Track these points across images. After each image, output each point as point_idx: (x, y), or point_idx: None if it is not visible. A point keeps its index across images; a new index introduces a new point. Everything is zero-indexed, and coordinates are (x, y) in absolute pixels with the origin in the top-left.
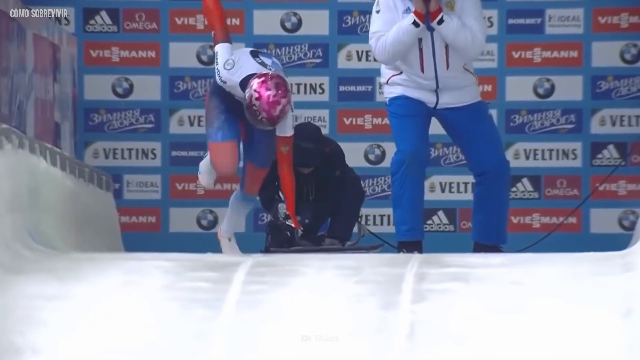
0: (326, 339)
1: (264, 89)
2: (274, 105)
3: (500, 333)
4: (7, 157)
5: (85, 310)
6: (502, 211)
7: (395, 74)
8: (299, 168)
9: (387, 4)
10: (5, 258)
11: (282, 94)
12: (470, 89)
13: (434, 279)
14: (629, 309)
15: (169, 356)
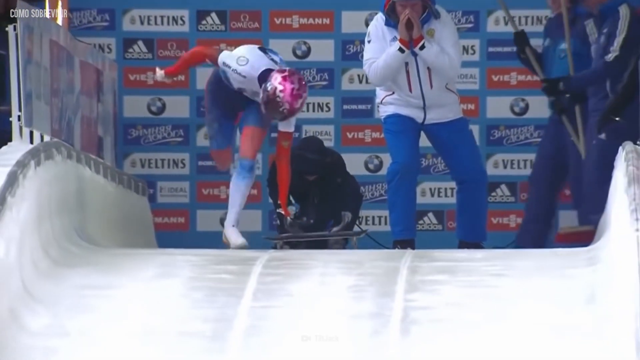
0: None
1: (288, 83)
2: (297, 99)
3: (482, 316)
4: (57, 166)
5: (125, 298)
6: (481, 213)
7: (388, 94)
8: (304, 175)
9: (377, 34)
10: (56, 253)
11: (303, 88)
12: (453, 106)
13: (425, 271)
14: (592, 296)
15: (197, 337)
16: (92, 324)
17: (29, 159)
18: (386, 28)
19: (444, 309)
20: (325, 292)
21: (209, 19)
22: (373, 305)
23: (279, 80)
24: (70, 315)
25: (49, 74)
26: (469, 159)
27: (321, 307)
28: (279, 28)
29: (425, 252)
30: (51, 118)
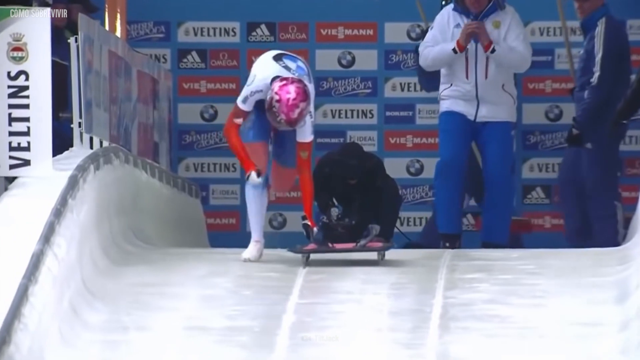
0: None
1: (284, 92)
2: (293, 108)
3: (517, 313)
4: (115, 170)
5: (179, 295)
6: (503, 216)
7: (446, 87)
8: (346, 180)
9: (441, 21)
10: (114, 253)
11: (301, 97)
12: (506, 108)
13: (463, 269)
14: (623, 295)
15: (246, 332)
16: (148, 320)
17: (89, 163)
18: (453, 13)
19: (481, 306)
20: (367, 290)
21: (259, 30)
22: (414, 302)
23: (275, 89)
24: (127, 311)
25: (108, 83)
26: (496, 160)
27: (364, 304)
28: (325, 39)
29: (463, 252)
30: (110, 125)
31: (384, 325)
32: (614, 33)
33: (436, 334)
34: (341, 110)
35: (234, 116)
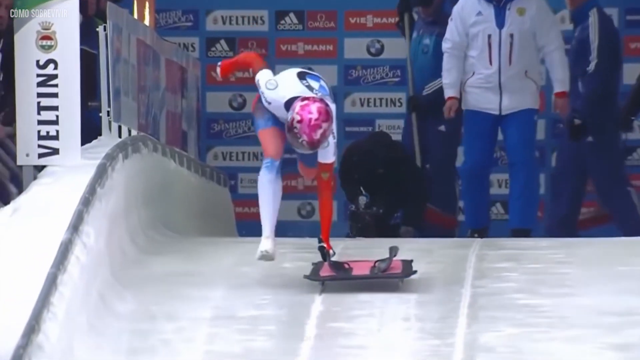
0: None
1: (306, 112)
2: (315, 129)
3: (547, 302)
4: (143, 159)
5: (207, 284)
6: (529, 200)
7: (469, 76)
8: (374, 169)
9: (459, 12)
10: (142, 242)
11: (323, 118)
12: (530, 96)
13: (492, 259)
14: None
15: (274, 321)
16: (176, 309)
17: (117, 152)
18: (473, 1)
19: (510, 295)
20: None
21: (287, 19)
22: (442, 291)
23: (297, 109)
24: (155, 300)
25: (137, 71)
26: (521, 143)
27: (392, 293)
28: (353, 27)
29: (492, 241)
30: (138, 113)
31: (412, 314)
32: (607, 22)
33: (465, 324)
34: (370, 98)
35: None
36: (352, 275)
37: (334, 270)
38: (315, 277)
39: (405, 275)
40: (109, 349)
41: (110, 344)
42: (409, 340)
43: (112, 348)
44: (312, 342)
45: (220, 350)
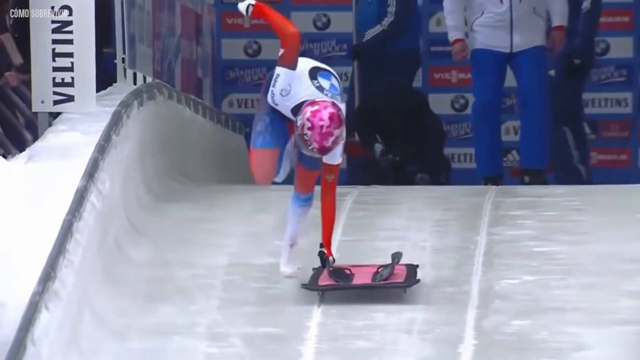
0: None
1: (317, 119)
2: (327, 137)
3: (562, 250)
4: (159, 106)
5: (222, 231)
6: (540, 140)
7: (478, 16)
8: (390, 116)
9: None
10: (158, 189)
11: (335, 124)
12: (539, 32)
13: (508, 206)
14: None
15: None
16: (192, 256)
17: (132, 99)
18: None
19: (526, 243)
20: (411, 226)
21: None
22: (458, 239)
23: (307, 115)
24: (171, 247)
25: (151, 18)
26: (532, 83)
27: (407, 240)
28: None
29: (508, 188)
30: (153, 60)
31: (427, 262)
32: None
33: (480, 271)
34: None
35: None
36: (352, 285)
37: (333, 277)
38: (313, 286)
39: (408, 284)
40: (124, 296)
41: (126, 290)
42: (424, 287)
43: (127, 295)
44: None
45: (236, 297)
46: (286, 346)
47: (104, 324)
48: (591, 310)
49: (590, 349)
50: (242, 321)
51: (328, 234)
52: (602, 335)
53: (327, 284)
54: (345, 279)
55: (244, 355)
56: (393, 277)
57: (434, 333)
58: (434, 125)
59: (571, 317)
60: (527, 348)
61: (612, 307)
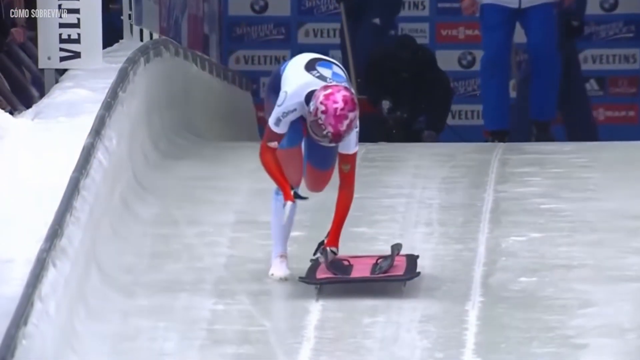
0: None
1: (331, 102)
2: (341, 119)
3: (569, 207)
4: (165, 63)
5: (230, 188)
6: (549, 92)
7: None
8: (398, 73)
9: None
10: (164, 146)
11: (349, 107)
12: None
13: (515, 163)
14: None
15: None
16: (198, 213)
17: (139, 56)
18: None
19: (533, 200)
20: (418, 184)
21: None
22: (465, 196)
23: (320, 98)
24: (178, 204)
25: None
26: (539, 38)
27: (414, 198)
28: None
29: (515, 145)
30: (160, 16)
31: (434, 219)
32: None
33: (487, 228)
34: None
35: (268, 139)
36: (350, 278)
37: (331, 269)
38: (311, 279)
39: (408, 277)
40: (131, 253)
41: (133, 248)
42: (431, 245)
43: (134, 252)
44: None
45: (243, 255)
46: (294, 303)
47: (111, 281)
48: (598, 267)
49: (596, 305)
50: (248, 278)
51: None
52: (608, 292)
53: (325, 277)
54: (343, 271)
55: (251, 312)
56: (393, 269)
57: (440, 290)
58: (442, 81)
59: (578, 274)
60: (533, 305)
61: (619, 264)
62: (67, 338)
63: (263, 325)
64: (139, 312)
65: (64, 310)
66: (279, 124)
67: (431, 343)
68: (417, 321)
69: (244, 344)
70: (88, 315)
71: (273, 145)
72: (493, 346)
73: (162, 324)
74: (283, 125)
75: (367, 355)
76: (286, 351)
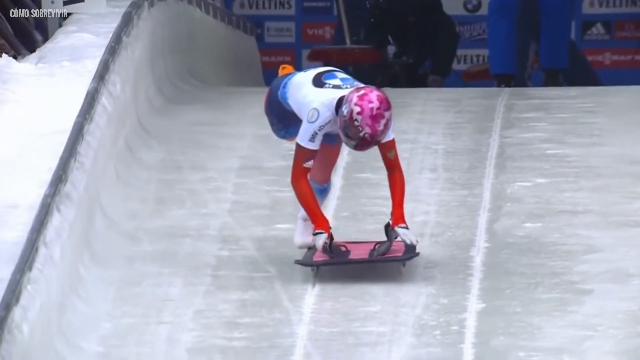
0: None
1: (366, 102)
2: (378, 119)
3: (575, 152)
4: (169, 7)
5: (234, 134)
6: (559, 40)
7: None
8: (403, 17)
9: None
10: (169, 91)
11: (385, 106)
12: None
13: (521, 108)
14: None
15: None
16: (202, 159)
17: (143, 0)
18: None
19: (538, 145)
20: (423, 129)
21: None
22: (470, 141)
23: (355, 100)
24: (182, 150)
25: None
26: None
27: (419, 143)
28: None
29: (521, 90)
30: None
31: (439, 165)
32: None
33: (492, 174)
34: None
35: (302, 159)
36: (347, 260)
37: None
38: (307, 261)
39: (407, 257)
40: (135, 198)
41: (137, 193)
42: (436, 190)
43: (138, 197)
44: (338, 193)
45: (247, 200)
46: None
47: (115, 227)
48: (603, 212)
49: (601, 251)
50: (253, 224)
51: (399, 205)
52: (613, 237)
53: (322, 260)
54: (341, 256)
55: (255, 258)
56: (391, 252)
57: (445, 236)
58: (447, 26)
59: (583, 219)
60: (538, 250)
61: (624, 210)
62: (71, 283)
63: (268, 271)
64: (144, 258)
65: (68, 255)
66: (315, 138)
67: (436, 289)
68: (422, 267)
69: (248, 290)
70: (93, 260)
71: (309, 165)
72: (498, 292)
73: (166, 270)
74: (318, 141)
75: (372, 301)
76: (291, 297)
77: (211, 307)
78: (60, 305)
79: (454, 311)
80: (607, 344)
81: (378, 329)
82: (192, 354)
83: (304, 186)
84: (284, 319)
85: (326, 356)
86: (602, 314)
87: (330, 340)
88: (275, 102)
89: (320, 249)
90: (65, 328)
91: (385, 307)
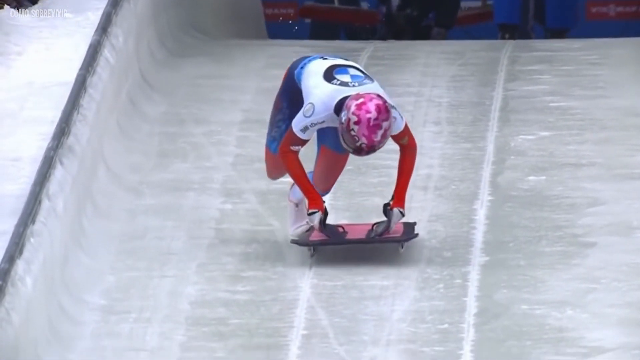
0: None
1: (363, 112)
2: (375, 130)
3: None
4: None
5: (237, 87)
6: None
7: None
8: None
9: None
10: (171, 44)
11: (383, 116)
12: None
13: (524, 61)
14: None
15: None
16: (205, 112)
17: None
18: None
19: (542, 98)
20: (427, 82)
21: None
22: (474, 94)
23: (352, 109)
24: (185, 103)
25: None
26: None
27: (423, 96)
28: None
29: (525, 42)
30: None
31: (443, 118)
32: None
33: (496, 127)
34: None
35: (291, 143)
36: (344, 239)
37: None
38: (304, 241)
39: (405, 238)
40: (138, 152)
41: (139, 146)
42: (439, 144)
43: (141, 150)
44: None
45: (250, 154)
46: None
47: (118, 180)
48: (606, 165)
49: (605, 204)
50: (256, 177)
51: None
52: (617, 190)
53: (318, 240)
54: (337, 237)
55: (258, 212)
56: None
57: (449, 189)
58: None
59: (587, 172)
60: (542, 204)
61: (628, 162)
62: (75, 236)
63: (271, 224)
64: (147, 211)
65: (71, 208)
66: (306, 131)
67: (439, 242)
68: (425, 221)
69: (251, 243)
70: (96, 213)
71: (297, 149)
72: (501, 245)
73: (169, 223)
74: (310, 133)
75: (375, 254)
76: (294, 251)
77: (214, 261)
78: (63, 258)
79: (457, 264)
80: (610, 297)
81: (381, 283)
82: (196, 307)
83: (293, 163)
84: (287, 272)
85: (329, 309)
86: (605, 266)
87: (334, 294)
88: (291, 80)
89: (317, 228)
90: (69, 281)
91: (388, 260)
